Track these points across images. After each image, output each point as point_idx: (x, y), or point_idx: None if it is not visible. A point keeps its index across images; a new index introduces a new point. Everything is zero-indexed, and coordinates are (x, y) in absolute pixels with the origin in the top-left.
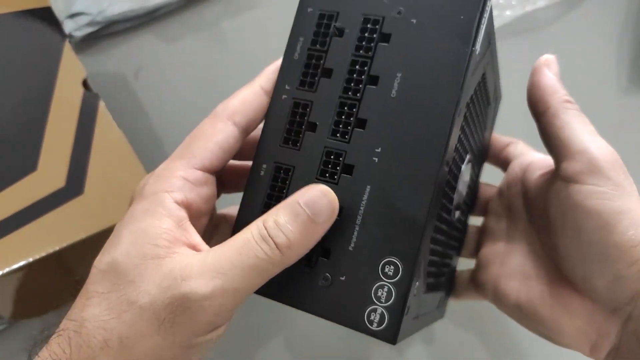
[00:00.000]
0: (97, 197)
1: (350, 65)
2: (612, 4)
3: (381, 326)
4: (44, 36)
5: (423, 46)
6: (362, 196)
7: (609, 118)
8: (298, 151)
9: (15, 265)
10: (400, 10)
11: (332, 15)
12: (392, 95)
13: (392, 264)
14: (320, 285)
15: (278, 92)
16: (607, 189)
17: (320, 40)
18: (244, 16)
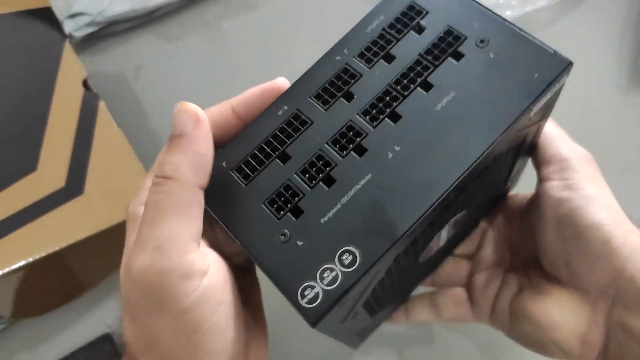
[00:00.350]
0: (97, 197)
1: (412, 63)
2: (612, 4)
3: (310, 304)
4: (44, 36)
5: (487, 82)
6: (360, 181)
7: (609, 118)
8: (324, 111)
9: (15, 265)
10: (485, 39)
11: (421, 11)
12: (437, 108)
13: (351, 254)
14: (276, 240)
15: (334, 51)
16: (577, 180)
17: (398, 27)
18: (244, 16)
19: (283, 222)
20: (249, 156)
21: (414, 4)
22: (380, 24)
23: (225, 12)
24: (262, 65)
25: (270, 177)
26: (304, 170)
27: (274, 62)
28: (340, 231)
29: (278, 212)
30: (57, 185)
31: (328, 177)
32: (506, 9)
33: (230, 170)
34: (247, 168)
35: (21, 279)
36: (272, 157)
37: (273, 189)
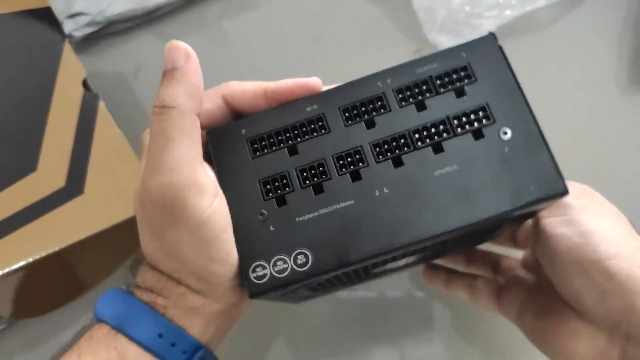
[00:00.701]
0: (97, 197)
1: (438, 122)
2: (612, 4)
3: (256, 280)
4: (44, 36)
5: (489, 172)
6: (342, 202)
7: (609, 118)
8: (344, 127)
9: (15, 265)
10: (508, 132)
11: (470, 77)
12: (435, 173)
13: (306, 258)
14: (255, 215)
15: (379, 77)
16: (573, 216)
17: (443, 82)
18: (244, 16)
19: (266, 204)
20: (265, 135)
21: (469, 67)
22: (430, 71)
23: (226, 12)
24: (263, 64)
25: (274, 161)
26: (303, 170)
27: (274, 62)
28: (306, 234)
29: (267, 194)
30: (57, 185)
31: (319, 186)
32: (506, 9)
33: (245, 139)
34: (259, 144)
35: (21, 279)
36: (283, 145)
37: (272, 172)
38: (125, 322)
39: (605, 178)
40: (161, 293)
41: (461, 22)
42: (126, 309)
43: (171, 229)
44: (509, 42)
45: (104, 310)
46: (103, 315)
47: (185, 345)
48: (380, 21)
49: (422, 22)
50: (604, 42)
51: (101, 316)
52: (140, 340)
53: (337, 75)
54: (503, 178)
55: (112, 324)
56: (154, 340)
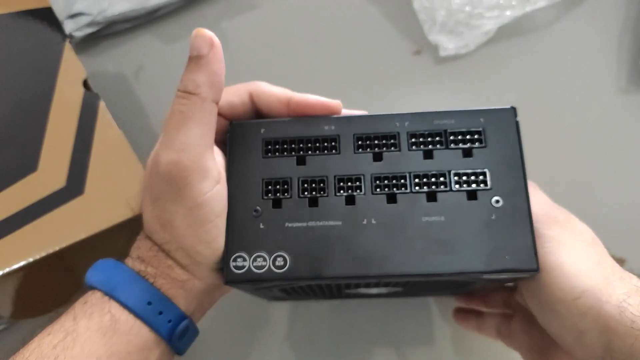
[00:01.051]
0: (98, 197)
1: (439, 174)
2: (612, 4)
3: (234, 269)
4: (44, 36)
5: (472, 231)
6: (331, 220)
7: (609, 118)
8: (353, 153)
9: (15, 265)
10: (501, 201)
11: (481, 141)
12: (423, 219)
13: (284, 261)
14: (250, 210)
15: (398, 118)
16: (541, 249)
17: (455, 139)
18: (244, 16)
19: (263, 202)
20: (280, 139)
21: (483, 132)
22: (447, 126)
23: (225, 13)
24: (262, 65)
25: (281, 166)
26: (305, 181)
27: (274, 62)
28: (291, 240)
29: (266, 193)
30: (57, 185)
31: (315, 200)
32: (506, 9)
33: (262, 138)
34: (272, 146)
35: (21, 279)
36: (294, 154)
37: (276, 175)
38: (117, 289)
39: (605, 178)
40: (151, 263)
41: (461, 22)
42: (118, 276)
43: (170, 202)
44: (509, 42)
45: (96, 277)
46: (95, 282)
47: (172, 314)
48: (380, 21)
49: (423, 23)
50: (604, 42)
51: (93, 283)
52: (131, 306)
53: (337, 75)
54: (483, 241)
55: (105, 289)
56: (143, 307)
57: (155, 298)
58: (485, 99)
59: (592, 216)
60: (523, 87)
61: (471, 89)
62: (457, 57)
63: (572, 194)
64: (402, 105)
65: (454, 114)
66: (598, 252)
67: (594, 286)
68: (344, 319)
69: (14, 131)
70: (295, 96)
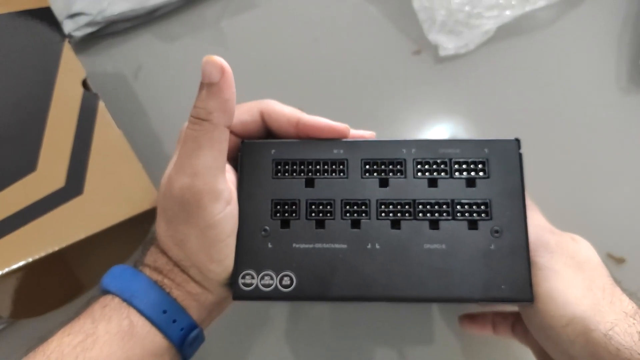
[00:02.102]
0: (97, 197)
1: (442, 202)
2: (612, 4)
3: (243, 286)
4: (43, 36)
5: (470, 259)
6: (337, 243)
7: (609, 118)
8: (360, 177)
9: (15, 265)
10: (500, 232)
11: (485, 171)
12: (424, 246)
13: (290, 280)
14: (259, 229)
15: (405, 144)
16: (533, 278)
17: (460, 168)
18: (244, 16)
19: (272, 222)
20: (290, 161)
21: (487, 163)
22: (452, 155)
23: (225, 12)
24: (262, 65)
25: (290, 187)
26: (312, 203)
27: (274, 62)
28: (297, 261)
29: (275, 214)
30: (56, 185)
31: (322, 222)
32: (506, 9)
33: (272, 159)
34: (282, 167)
35: (21, 279)
36: (303, 175)
37: (285, 196)
38: (135, 295)
39: (605, 178)
40: (168, 275)
41: (461, 22)
42: (136, 284)
43: (184, 225)
44: (509, 42)
45: (115, 284)
46: (114, 288)
47: (184, 323)
48: (380, 21)
49: (422, 22)
50: (604, 42)
51: (112, 289)
52: (148, 314)
53: (336, 75)
54: (481, 270)
55: (124, 296)
56: (159, 315)
57: (170, 307)
58: (485, 99)
59: (592, 216)
60: (523, 87)
61: (471, 89)
62: (456, 56)
63: (572, 194)
64: (401, 105)
65: (460, 143)
66: (588, 277)
67: (582, 313)
68: (344, 318)
69: (13, 131)
70: (304, 118)
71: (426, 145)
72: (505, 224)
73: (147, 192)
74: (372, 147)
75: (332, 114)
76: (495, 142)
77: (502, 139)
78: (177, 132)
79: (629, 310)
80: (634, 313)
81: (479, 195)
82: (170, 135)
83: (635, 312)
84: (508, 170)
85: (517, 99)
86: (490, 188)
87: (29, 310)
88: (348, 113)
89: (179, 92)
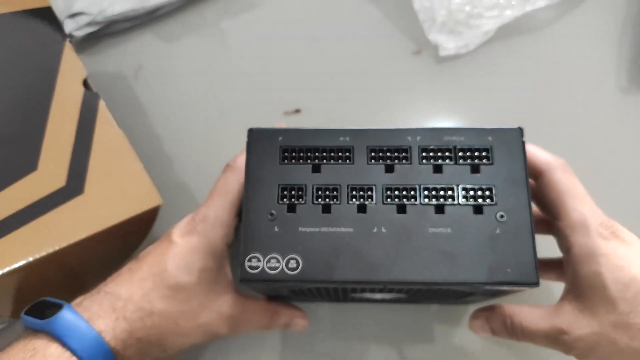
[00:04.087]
0: (97, 197)
1: (447, 187)
2: (612, 4)
3: (249, 269)
4: (44, 36)
5: (476, 243)
6: (343, 227)
7: (609, 118)
8: (366, 164)
9: (15, 265)
10: (505, 215)
11: (489, 158)
12: (429, 230)
13: (297, 263)
14: (266, 213)
15: (410, 132)
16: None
17: (464, 155)
18: (245, 16)
19: (278, 206)
20: (297, 148)
21: (491, 150)
22: (457, 142)
23: (226, 12)
24: (263, 65)
25: (296, 172)
26: (319, 188)
27: (275, 62)
28: (303, 244)
29: (282, 198)
30: (57, 184)
31: (328, 206)
32: (506, 9)
33: (279, 146)
34: (290, 154)
35: (21, 278)
36: (309, 162)
37: (292, 181)
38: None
39: (605, 178)
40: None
41: (461, 22)
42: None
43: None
44: (509, 42)
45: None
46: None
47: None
48: (380, 21)
49: (422, 22)
50: (604, 42)
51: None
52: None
53: (336, 75)
54: (486, 253)
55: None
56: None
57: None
58: (485, 99)
59: None
60: (523, 87)
61: (471, 89)
62: (457, 56)
63: None
64: (401, 105)
65: (464, 131)
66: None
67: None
68: (344, 319)
69: (13, 130)
70: None
71: (431, 133)
72: (510, 209)
73: (148, 192)
74: (378, 134)
75: (332, 114)
76: (498, 131)
77: (505, 127)
78: (178, 131)
79: None
80: None
81: (484, 181)
82: (170, 135)
83: None
84: (512, 157)
85: (517, 99)
86: (495, 174)
87: None
88: (348, 113)
89: (179, 91)
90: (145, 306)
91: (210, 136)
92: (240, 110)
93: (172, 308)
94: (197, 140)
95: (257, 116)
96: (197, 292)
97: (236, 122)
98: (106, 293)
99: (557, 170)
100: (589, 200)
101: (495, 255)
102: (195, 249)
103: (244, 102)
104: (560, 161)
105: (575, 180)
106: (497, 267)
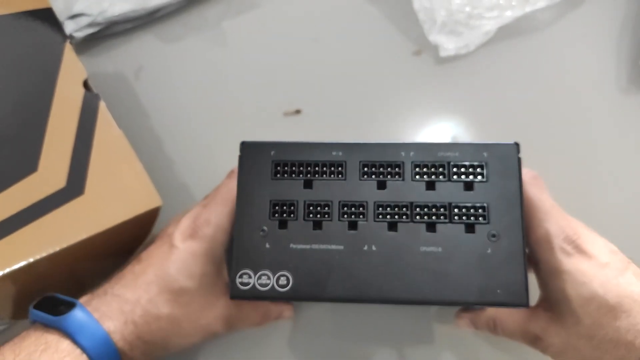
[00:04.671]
0: (98, 198)
1: (439, 205)
2: (612, 4)
3: (240, 285)
4: (44, 37)
5: (466, 263)
6: (334, 244)
7: (609, 118)
8: (358, 179)
9: (15, 265)
10: (497, 236)
11: (482, 175)
12: (420, 248)
13: (287, 281)
14: (257, 229)
15: (404, 147)
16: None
17: (458, 172)
18: (245, 16)
19: (270, 222)
20: (289, 162)
21: (485, 167)
22: (451, 158)
23: (227, 13)
24: (263, 65)
25: (288, 188)
26: (310, 204)
27: (275, 63)
28: (294, 261)
29: (273, 214)
30: (57, 185)
31: (319, 223)
32: (506, 10)
33: (272, 160)
34: (282, 168)
35: (21, 279)
36: (301, 177)
37: (284, 197)
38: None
39: (605, 178)
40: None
41: (462, 22)
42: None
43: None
44: (509, 42)
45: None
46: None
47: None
48: (380, 21)
49: (422, 23)
50: (604, 42)
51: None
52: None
53: (336, 75)
54: (477, 273)
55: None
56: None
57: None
58: (485, 100)
59: (592, 216)
60: (523, 88)
61: (471, 90)
62: (457, 57)
63: (572, 194)
64: (402, 106)
65: (459, 146)
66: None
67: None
68: (344, 318)
69: (14, 131)
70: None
71: (425, 148)
72: (502, 229)
73: (148, 193)
74: (371, 149)
75: (332, 114)
76: (494, 146)
77: (501, 143)
78: (178, 132)
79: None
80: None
81: (477, 199)
82: (170, 135)
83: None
84: (507, 174)
85: (518, 99)
86: (489, 192)
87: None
88: (348, 113)
89: (180, 92)
90: (152, 310)
91: (211, 137)
92: (240, 111)
93: (176, 311)
94: (197, 141)
95: (258, 116)
96: (198, 295)
97: (237, 122)
98: (113, 295)
99: (525, 184)
100: (556, 214)
101: (486, 275)
102: (196, 255)
103: (244, 102)
104: (530, 174)
105: (544, 193)
106: (487, 288)
